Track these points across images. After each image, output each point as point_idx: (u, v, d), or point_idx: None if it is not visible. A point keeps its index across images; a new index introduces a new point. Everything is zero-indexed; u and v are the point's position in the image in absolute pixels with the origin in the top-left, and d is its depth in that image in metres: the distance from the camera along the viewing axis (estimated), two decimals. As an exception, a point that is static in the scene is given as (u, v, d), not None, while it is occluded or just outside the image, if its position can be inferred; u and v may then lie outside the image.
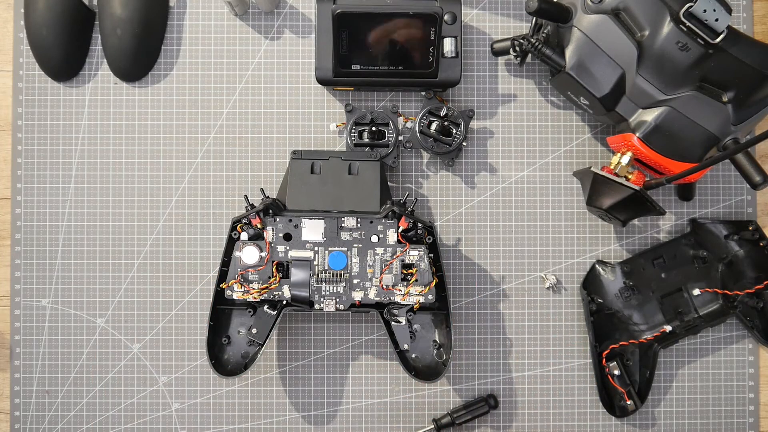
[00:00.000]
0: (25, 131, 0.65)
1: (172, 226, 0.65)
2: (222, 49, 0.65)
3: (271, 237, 0.57)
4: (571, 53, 0.56)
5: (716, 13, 0.53)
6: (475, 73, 0.66)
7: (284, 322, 0.65)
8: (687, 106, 0.55)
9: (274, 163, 0.65)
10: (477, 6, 0.66)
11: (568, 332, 0.65)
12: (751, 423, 0.65)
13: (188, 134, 0.65)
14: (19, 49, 0.65)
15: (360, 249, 0.57)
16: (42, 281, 0.65)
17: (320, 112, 0.65)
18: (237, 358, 0.60)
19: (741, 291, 0.62)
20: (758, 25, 0.66)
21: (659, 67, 0.55)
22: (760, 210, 0.66)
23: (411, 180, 0.65)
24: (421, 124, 0.62)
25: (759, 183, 0.54)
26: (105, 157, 0.65)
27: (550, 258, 0.65)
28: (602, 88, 0.56)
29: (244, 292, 0.57)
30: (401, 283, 0.58)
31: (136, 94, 0.65)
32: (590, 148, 0.66)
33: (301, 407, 0.65)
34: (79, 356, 0.65)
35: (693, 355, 0.65)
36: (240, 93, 0.65)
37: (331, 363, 0.65)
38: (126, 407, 0.65)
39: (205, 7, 0.66)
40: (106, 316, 0.65)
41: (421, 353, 0.61)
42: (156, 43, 0.65)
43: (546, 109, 0.66)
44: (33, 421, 0.64)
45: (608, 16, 0.55)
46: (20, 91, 0.65)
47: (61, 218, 0.65)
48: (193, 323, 0.65)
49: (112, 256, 0.65)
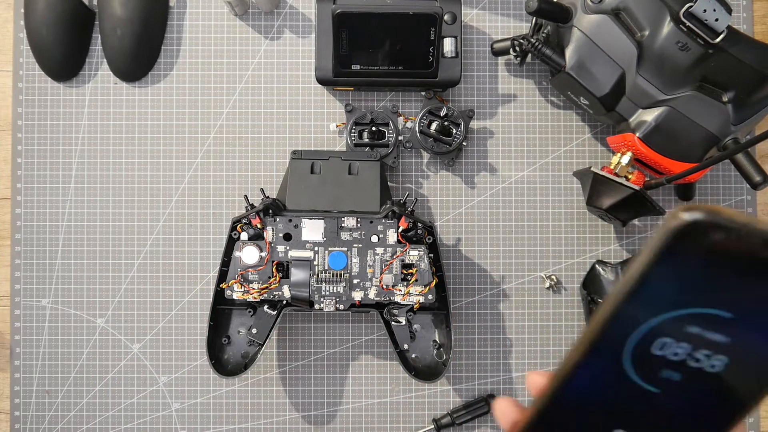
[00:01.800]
0: (25, 131, 0.65)
1: (172, 226, 0.65)
2: (222, 49, 0.65)
3: (271, 237, 0.57)
4: (571, 53, 0.56)
5: (716, 13, 0.53)
6: (475, 73, 0.66)
7: (284, 322, 0.65)
8: (687, 106, 0.55)
9: (274, 163, 0.65)
10: (477, 6, 0.66)
11: (568, 332, 0.65)
12: (751, 423, 0.65)
13: (188, 134, 0.65)
14: (19, 49, 0.65)
15: (360, 249, 0.57)
16: (42, 281, 0.65)
17: (320, 112, 0.65)
18: (237, 358, 0.60)
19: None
20: (758, 25, 0.66)
21: (659, 67, 0.55)
22: (760, 210, 0.66)
23: (411, 180, 0.65)
24: (421, 124, 0.62)
25: (759, 183, 0.54)
26: (105, 157, 0.65)
27: (550, 258, 0.65)
28: (602, 88, 0.56)
29: (244, 292, 0.57)
30: (401, 283, 0.58)
31: (136, 94, 0.65)
32: (590, 148, 0.66)
33: (301, 407, 0.65)
34: (79, 356, 0.65)
35: (693, 355, 0.65)
36: (240, 93, 0.65)
37: (331, 363, 0.65)
38: (126, 407, 0.65)
39: (205, 7, 0.66)
40: (106, 316, 0.65)
41: (421, 353, 0.61)
42: (156, 43, 0.65)
43: (546, 109, 0.66)
44: (33, 421, 0.64)
45: (608, 16, 0.55)
46: (20, 91, 0.65)
47: (61, 218, 0.65)
48: (193, 323, 0.65)
49: (112, 256, 0.65)
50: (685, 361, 0.23)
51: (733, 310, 0.22)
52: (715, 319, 0.22)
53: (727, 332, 0.22)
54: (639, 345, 0.23)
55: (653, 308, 0.22)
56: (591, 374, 0.24)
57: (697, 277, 0.21)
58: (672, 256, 0.21)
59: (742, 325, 0.22)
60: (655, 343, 0.23)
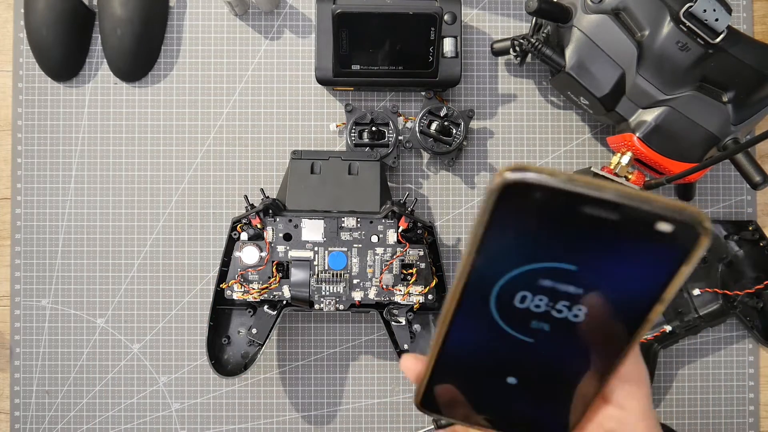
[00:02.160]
0: (25, 131, 0.65)
1: (172, 226, 0.65)
2: (222, 49, 0.65)
3: (271, 237, 0.57)
4: (571, 53, 0.56)
5: (716, 13, 0.53)
6: (475, 73, 0.66)
7: (284, 322, 0.65)
8: (687, 106, 0.55)
9: (274, 163, 0.65)
10: (477, 6, 0.66)
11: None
12: (751, 423, 0.65)
13: (188, 134, 0.65)
14: (19, 49, 0.65)
15: (360, 249, 0.57)
16: (42, 281, 0.65)
17: (320, 112, 0.65)
18: (237, 358, 0.60)
19: (741, 291, 0.62)
20: (758, 25, 0.66)
21: (659, 67, 0.55)
22: (760, 210, 0.66)
23: (411, 180, 0.65)
24: (421, 124, 0.62)
25: (759, 183, 0.54)
26: (105, 157, 0.65)
27: (550, 258, 0.65)
28: (602, 88, 0.56)
29: (244, 292, 0.57)
30: (401, 283, 0.58)
31: (136, 94, 0.65)
32: (590, 148, 0.66)
33: (301, 407, 0.65)
34: (79, 356, 0.65)
35: (693, 355, 0.65)
36: (240, 93, 0.65)
37: (331, 363, 0.65)
38: (126, 407, 0.65)
39: (205, 7, 0.66)
40: (106, 316, 0.65)
41: (421, 353, 0.61)
42: (156, 43, 0.65)
43: (546, 109, 0.66)
44: (33, 421, 0.64)
45: (608, 16, 0.55)
46: (20, 91, 0.65)
47: (61, 218, 0.65)
48: (193, 323, 0.65)
49: (112, 256, 0.65)
50: (549, 312, 0.25)
51: (575, 263, 0.23)
52: (562, 273, 0.23)
53: (577, 284, 0.24)
54: (500, 299, 0.25)
55: (502, 265, 0.24)
56: (468, 328, 0.26)
57: (532, 233, 0.23)
58: (502, 215, 0.22)
59: (588, 277, 0.23)
60: (515, 296, 0.24)
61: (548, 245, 0.23)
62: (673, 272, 0.23)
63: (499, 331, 0.26)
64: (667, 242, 0.22)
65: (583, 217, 0.22)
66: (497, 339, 0.26)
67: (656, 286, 0.23)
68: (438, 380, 0.29)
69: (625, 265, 0.23)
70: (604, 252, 0.23)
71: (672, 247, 0.22)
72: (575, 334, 0.25)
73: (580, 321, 0.25)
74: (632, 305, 0.24)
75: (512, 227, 0.22)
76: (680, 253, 0.22)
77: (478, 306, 0.25)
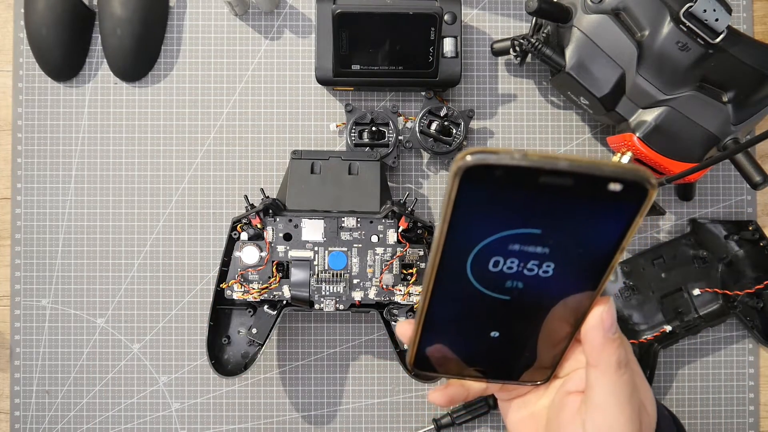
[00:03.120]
0: (25, 131, 0.65)
1: (172, 226, 0.65)
2: (222, 49, 0.65)
3: (271, 237, 0.57)
4: (571, 53, 0.56)
5: (716, 13, 0.53)
6: (475, 73, 0.66)
7: (284, 322, 0.65)
8: (687, 106, 0.55)
9: (274, 163, 0.65)
10: (477, 6, 0.66)
11: (568, 332, 0.65)
12: (751, 423, 0.65)
13: (188, 134, 0.65)
14: (19, 49, 0.65)
15: (360, 249, 0.57)
16: (42, 281, 0.65)
17: (320, 112, 0.65)
18: (237, 358, 0.60)
19: (741, 291, 0.62)
20: (758, 25, 0.66)
21: (659, 67, 0.55)
22: (760, 210, 0.66)
23: (411, 180, 0.65)
24: (421, 124, 0.62)
25: (759, 183, 0.54)
26: (105, 157, 0.65)
27: (550, 258, 0.65)
28: (602, 88, 0.56)
29: (244, 292, 0.57)
30: (401, 283, 0.58)
31: (136, 94, 0.65)
32: (590, 148, 0.66)
33: (301, 407, 0.65)
34: (79, 356, 0.65)
35: (693, 355, 0.65)
36: (240, 93, 0.65)
37: (331, 363, 0.65)
38: (126, 407, 0.65)
39: (205, 7, 0.66)
40: (106, 316, 0.65)
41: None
42: (156, 43, 0.65)
43: (546, 109, 0.66)
44: (33, 421, 0.64)
45: (608, 16, 0.55)
46: (20, 91, 0.65)
47: (61, 218, 0.65)
48: (193, 323, 0.65)
49: (112, 256, 0.65)
50: (521, 272, 0.28)
51: (539, 227, 0.26)
52: (528, 236, 0.26)
53: (543, 244, 0.27)
54: (475, 266, 0.28)
55: (472, 237, 0.27)
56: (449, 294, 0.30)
57: (496, 206, 0.25)
58: (466, 195, 0.25)
59: (552, 237, 0.26)
60: (489, 262, 0.27)
61: (512, 215, 0.26)
62: (628, 224, 0.26)
63: (477, 293, 0.29)
64: (619, 199, 0.25)
65: (542, 186, 0.24)
66: (477, 300, 0.29)
67: (614, 238, 0.26)
68: (428, 342, 0.33)
69: (584, 222, 0.26)
70: (564, 214, 0.25)
71: (624, 202, 0.25)
72: (548, 288, 0.29)
73: (550, 275, 0.28)
74: (595, 256, 0.27)
75: (477, 203, 0.25)
76: (632, 206, 0.25)
77: (456, 273, 0.28)
